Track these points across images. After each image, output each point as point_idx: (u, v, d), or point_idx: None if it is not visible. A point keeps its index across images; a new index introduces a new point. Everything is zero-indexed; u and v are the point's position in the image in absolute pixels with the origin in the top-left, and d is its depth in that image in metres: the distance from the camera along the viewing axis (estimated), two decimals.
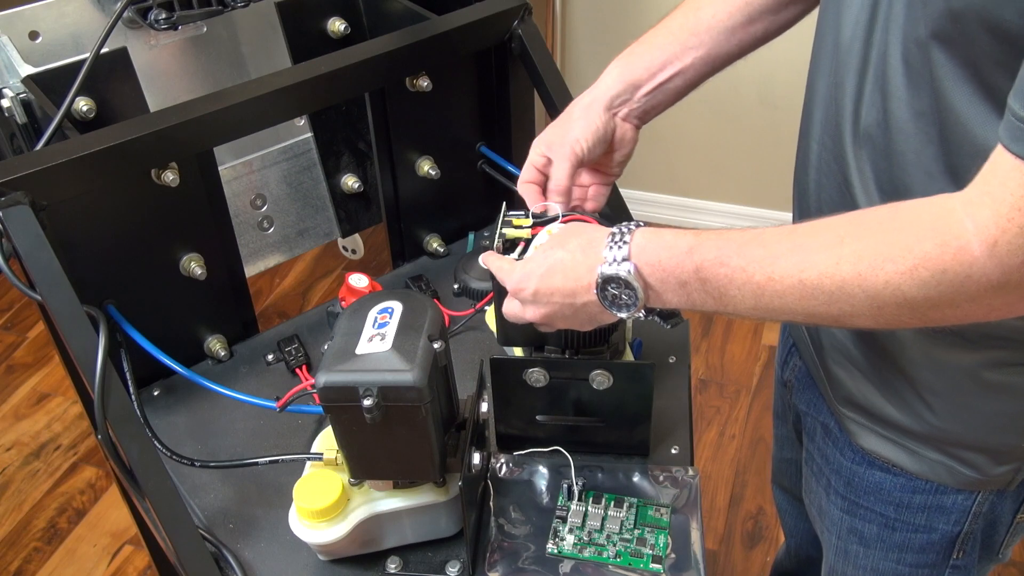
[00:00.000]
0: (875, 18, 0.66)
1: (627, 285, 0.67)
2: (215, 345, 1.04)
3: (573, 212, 0.85)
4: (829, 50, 0.73)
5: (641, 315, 0.69)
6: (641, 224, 0.69)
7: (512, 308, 0.77)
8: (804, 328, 0.88)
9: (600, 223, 0.82)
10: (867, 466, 0.84)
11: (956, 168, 0.63)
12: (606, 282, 0.68)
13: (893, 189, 0.68)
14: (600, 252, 0.68)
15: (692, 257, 0.64)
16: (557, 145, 0.84)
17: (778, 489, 1.20)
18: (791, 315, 0.62)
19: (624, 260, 0.67)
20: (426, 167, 1.13)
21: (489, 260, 0.79)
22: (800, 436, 0.99)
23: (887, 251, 0.56)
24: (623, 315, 0.69)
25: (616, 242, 0.68)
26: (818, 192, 0.77)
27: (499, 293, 0.83)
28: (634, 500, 0.85)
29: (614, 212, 1.01)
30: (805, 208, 0.80)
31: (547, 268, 0.72)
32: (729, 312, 0.65)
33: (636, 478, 0.87)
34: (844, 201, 0.73)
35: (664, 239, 0.66)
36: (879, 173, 0.69)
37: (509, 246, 0.83)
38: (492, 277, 0.82)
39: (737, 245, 0.63)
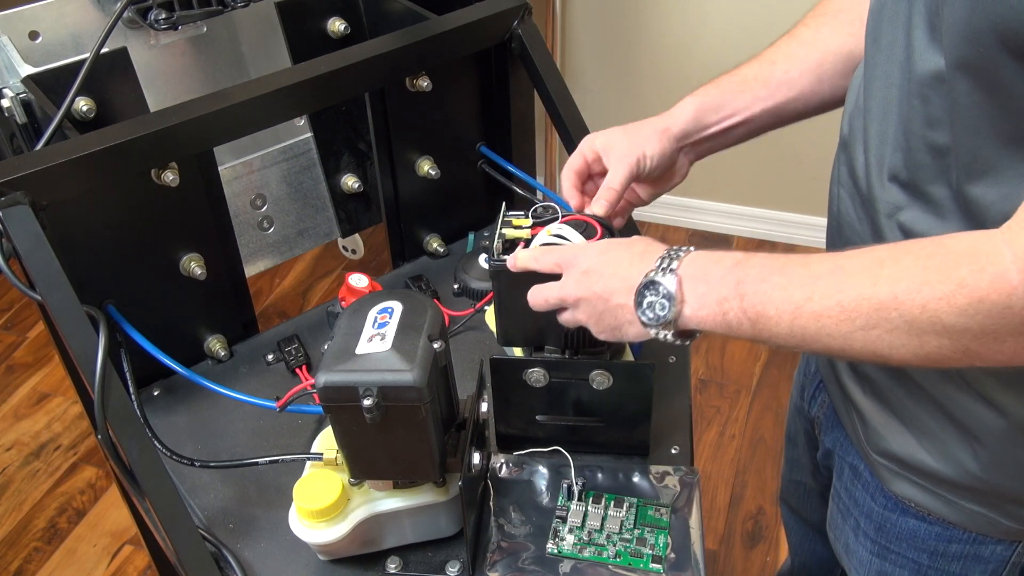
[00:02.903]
0: (893, 55, 0.66)
1: (665, 295, 0.66)
2: (215, 345, 1.04)
3: (572, 212, 0.86)
4: (857, 97, 0.73)
5: (668, 335, 0.68)
6: (692, 249, 0.70)
7: (544, 289, 0.76)
8: (834, 368, 0.85)
9: (604, 225, 0.82)
10: (900, 513, 0.81)
11: (977, 202, 0.62)
12: (645, 287, 0.68)
13: (927, 228, 0.67)
14: (653, 261, 0.69)
15: (736, 271, 0.64)
16: (620, 151, 0.85)
17: (785, 507, 1.18)
18: (828, 340, 0.60)
19: (671, 271, 0.67)
20: (426, 167, 1.14)
21: (522, 255, 0.78)
22: (825, 470, 0.97)
23: (924, 275, 0.55)
24: (650, 329, 0.68)
25: (671, 255, 0.68)
26: (850, 236, 0.76)
27: (499, 293, 0.83)
28: (634, 500, 0.85)
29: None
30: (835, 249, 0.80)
31: (606, 257, 0.72)
32: (763, 338, 0.64)
33: (636, 478, 0.87)
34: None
35: (716, 255, 0.67)
36: (909, 215, 0.68)
37: (509, 246, 0.83)
38: (492, 277, 0.83)
39: (781, 264, 0.63)
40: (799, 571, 1.25)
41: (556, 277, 0.76)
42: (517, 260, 0.78)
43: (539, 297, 0.77)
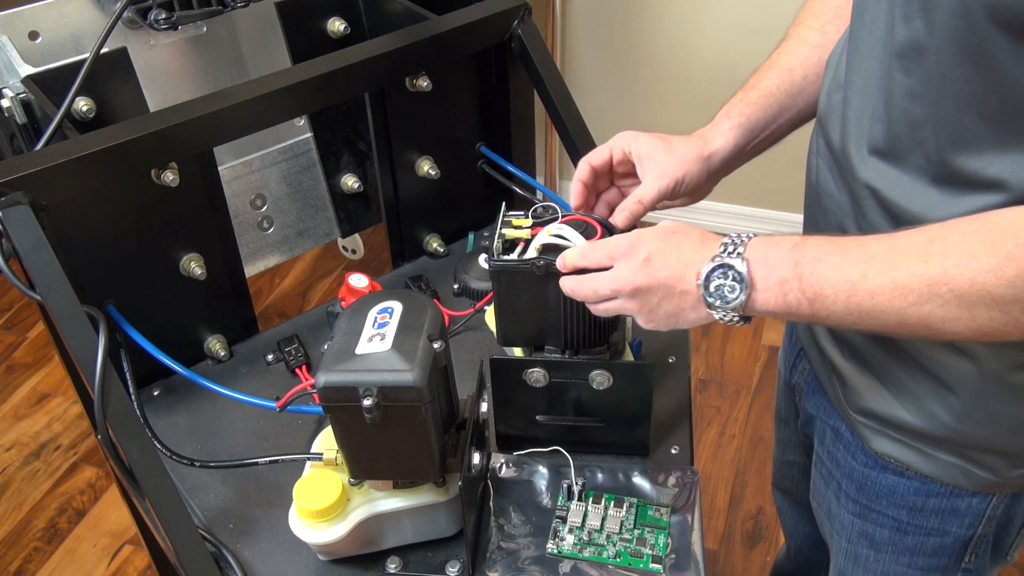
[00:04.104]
0: (875, 29, 0.67)
1: (736, 278, 0.67)
2: (215, 345, 1.04)
3: (572, 212, 0.86)
4: (835, 72, 0.74)
5: (734, 318, 0.69)
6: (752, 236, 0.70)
7: (593, 280, 0.75)
8: (814, 334, 0.87)
9: (604, 225, 0.82)
10: (880, 470, 0.83)
11: (960, 171, 0.63)
12: (713, 271, 0.68)
13: (904, 196, 0.68)
14: (717, 246, 0.69)
15: (794, 253, 0.66)
16: (660, 167, 0.84)
17: (779, 492, 1.20)
18: (883, 317, 0.62)
19: (740, 255, 0.68)
20: (426, 167, 1.14)
21: (570, 254, 0.77)
22: (806, 439, 0.99)
23: (971, 249, 0.57)
24: (716, 313, 0.69)
25: (735, 240, 0.69)
26: (828, 205, 0.78)
27: (499, 293, 0.83)
28: (634, 500, 0.85)
29: None
30: (814, 224, 0.82)
31: (667, 243, 0.72)
32: (821, 317, 0.65)
33: (636, 478, 0.87)
34: (856, 217, 0.73)
35: (774, 238, 0.68)
36: (886, 183, 0.69)
37: (509, 246, 0.83)
38: (492, 277, 0.83)
39: (837, 244, 0.65)
40: (795, 556, 1.25)
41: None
42: (566, 260, 0.77)
43: (586, 288, 0.76)
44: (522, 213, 0.85)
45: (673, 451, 0.91)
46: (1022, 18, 0.55)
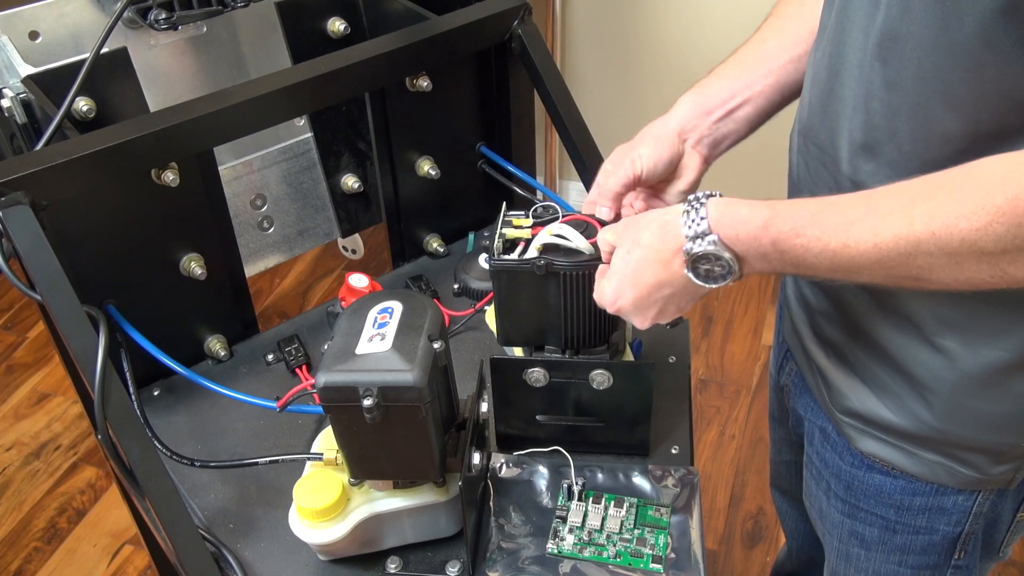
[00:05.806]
0: (856, 19, 0.68)
1: (717, 258, 0.66)
2: (215, 345, 1.04)
3: (572, 212, 0.86)
4: (822, 58, 0.74)
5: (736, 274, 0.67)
6: (712, 194, 0.68)
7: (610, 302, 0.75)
8: (799, 335, 0.88)
9: (602, 224, 0.82)
10: (866, 469, 0.84)
11: (933, 163, 0.63)
12: (696, 262, 0.67)
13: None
14: (679, 232, 0.67)
15: (768, 231, 0.64)
16: (615, 158, 0.85)
17: (777, 492, 1.20)
18: (870, 276, 0.62)
19: (706, 234, 0.66)
20: (426, 167, 1.14)
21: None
22: (798, 439, 0.99)
23: (959, 208, 0.57)
24: (720, 285, 0.68)
25: (692, 219, 0.66)
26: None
27: (499, 293, 0.83)
28: (634, 500, 0.85)
29: None
30: None
31: (633, 271, 0.71)
32: (810, 276, 0.65)
33: (636, 478, 0.87)
34: None
35: (739, 213, 0.65)
36: (866, 175, 0.69)
37: (509, 246, 0.83)
38: (492, 277, 0.83)
39: (811, 215, 0.63)
40: (796, 555, 1.26)
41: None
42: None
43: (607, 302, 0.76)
44: (522, 213, 0.85)
45: (673, 451, 0.91)
46: None
